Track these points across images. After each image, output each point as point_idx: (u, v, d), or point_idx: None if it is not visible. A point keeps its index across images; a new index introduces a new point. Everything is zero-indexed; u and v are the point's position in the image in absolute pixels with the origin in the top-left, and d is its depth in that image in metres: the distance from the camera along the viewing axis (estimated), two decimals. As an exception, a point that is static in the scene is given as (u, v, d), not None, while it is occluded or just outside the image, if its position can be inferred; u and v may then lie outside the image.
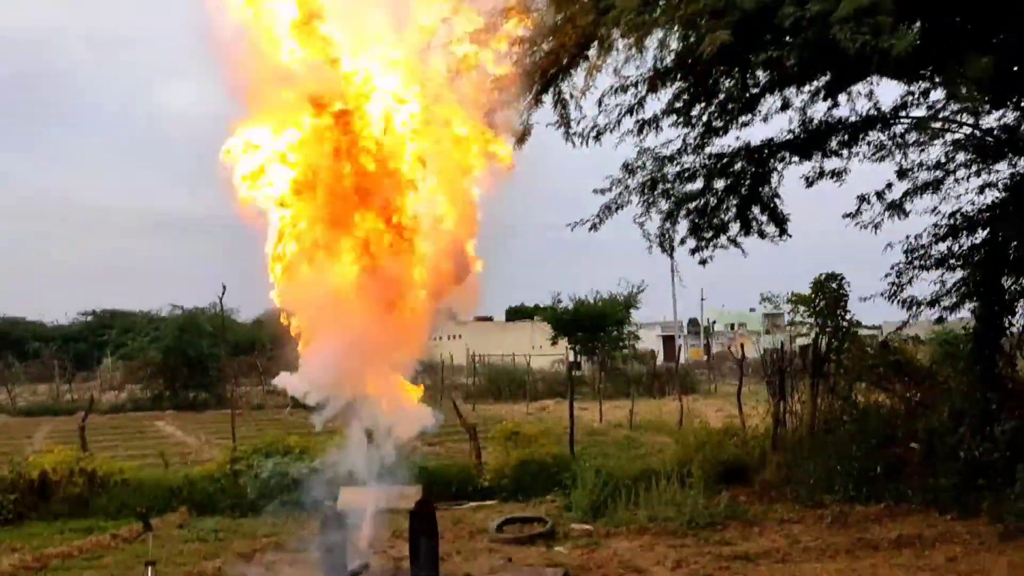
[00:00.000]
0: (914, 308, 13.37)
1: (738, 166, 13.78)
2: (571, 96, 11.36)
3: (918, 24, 8.70)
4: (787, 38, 8.70)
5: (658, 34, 9.55)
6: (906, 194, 13.20)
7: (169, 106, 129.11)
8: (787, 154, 13.39)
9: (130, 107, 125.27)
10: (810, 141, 13.05)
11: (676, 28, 9.45)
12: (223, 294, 14.45)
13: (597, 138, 11.92)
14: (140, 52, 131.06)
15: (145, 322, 41.45)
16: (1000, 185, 12.16)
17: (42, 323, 65.89)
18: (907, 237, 13.08)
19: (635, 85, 11.37)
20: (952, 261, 12.69)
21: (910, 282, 13.18)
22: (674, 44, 10.51)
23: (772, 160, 13.55)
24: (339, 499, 8.87)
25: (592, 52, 10.29)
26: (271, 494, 12.62)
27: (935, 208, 12.96)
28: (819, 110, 12.86)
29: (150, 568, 7.33)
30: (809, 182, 13.75)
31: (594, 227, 14.13)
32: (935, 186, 12.95)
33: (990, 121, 12.24)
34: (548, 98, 11.56)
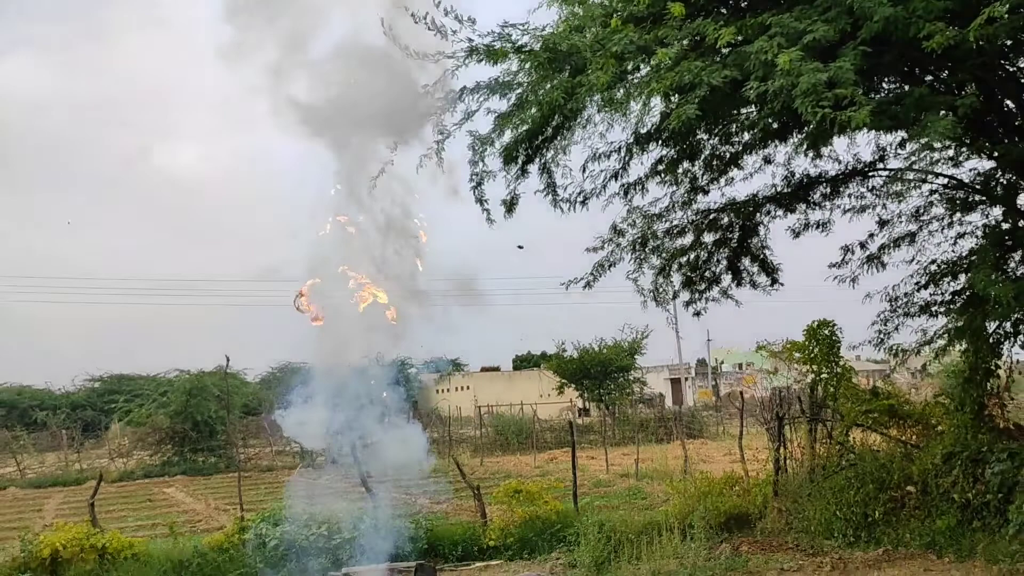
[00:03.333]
0: (900, 355, 13.64)
1: (725, 220, 14.12)
2: (556, 165, 11.70)
3: (881, 90, 9.07)
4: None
5: (634, 106, 9.93)
6: (882, 247, 13.55)
7: (167, 168, 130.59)
8: (772, 207, 13.73)
9: (127, 170, 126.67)
10: (793, 194, 13.41)
11: (650, 101, 9.84)
12: (227, 364, 14.68)
13: (584, 203, 12.29)
14: (137, 114, 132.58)
15: (152, 386, 41.65)
16: (977, 234, 12.47)
17: (49, 390, 65.99)
18: (885, 288, 13.39)
19: (618, 151, 11.80)
20: (935, 308, 12.98)
21: (896, 329, 13.48)
22: (655, 108, 10.96)
23: (758, 213, 13.88)
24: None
25: (573, 124, 10.67)
26: (280, 563, 12.81)
27: (913, 258, 13.31)
28: (800, 164, 13.26)
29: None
30: (796, 233, 14.08)
31: (588, 285, 14.42)
32: (911, 238, 13.31)
33: (966, 171, 12.61)
34: (534, 168, 11.87)
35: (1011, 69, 10.23)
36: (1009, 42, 9.43)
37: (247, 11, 10.74)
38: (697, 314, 15.23)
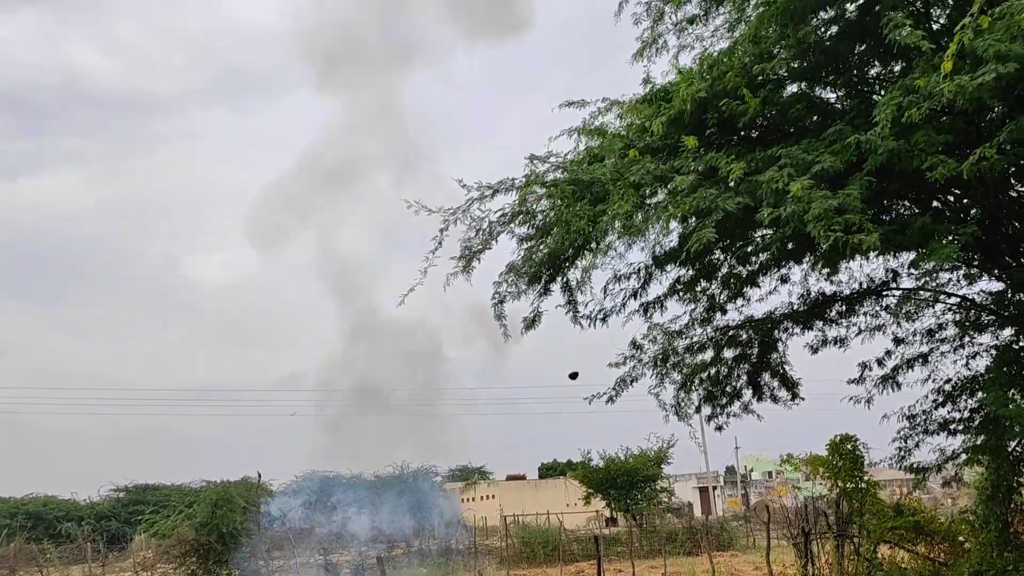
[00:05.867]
0: (922, 473, 13.70)
1: (744, 336, 14.37)
2: (576, 284, 12.08)
3: (891, 212, 9.46)
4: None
5: (652, 232, 10.37)
6: (896, 368, 13.74)
7: (197, 277, 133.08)
8: (790, 324, 13.99)
9: (157, 279, 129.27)
10: (810, 312, 13.69)
11: (668, 225, 10.27)
12: (259, 480, 14.92)
13: (604, 320, 12.63)
14: (168, 223, 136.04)
15: (178, 496, 41.71)
16: (991, 353, 12.63)
17: (74, 501, 65.92)
18: (901, 408, 13.54)
19: (637, 272, 12.21)
20: (953, 426, 13.07)
21: (917, 446, 13.55)
22: (674, 231, 11.40)
23: (776, 330, 14.14)
24: None
25: (591, 250, 11.13)
26: None
27: (928, 376, 13.48)
28: (816, 284, 13.59)
29: None
30: (814, 350, 14.31)
31: (611, 400, 14.61)
32: (923, 359, 13.52)
33: (976, 291, 12.86)
34: (556, 286, 12.24)
35: (1014, 195, 10.60)
36: (1012, 169, 9.83)
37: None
38: (719, 428, 15.35)
